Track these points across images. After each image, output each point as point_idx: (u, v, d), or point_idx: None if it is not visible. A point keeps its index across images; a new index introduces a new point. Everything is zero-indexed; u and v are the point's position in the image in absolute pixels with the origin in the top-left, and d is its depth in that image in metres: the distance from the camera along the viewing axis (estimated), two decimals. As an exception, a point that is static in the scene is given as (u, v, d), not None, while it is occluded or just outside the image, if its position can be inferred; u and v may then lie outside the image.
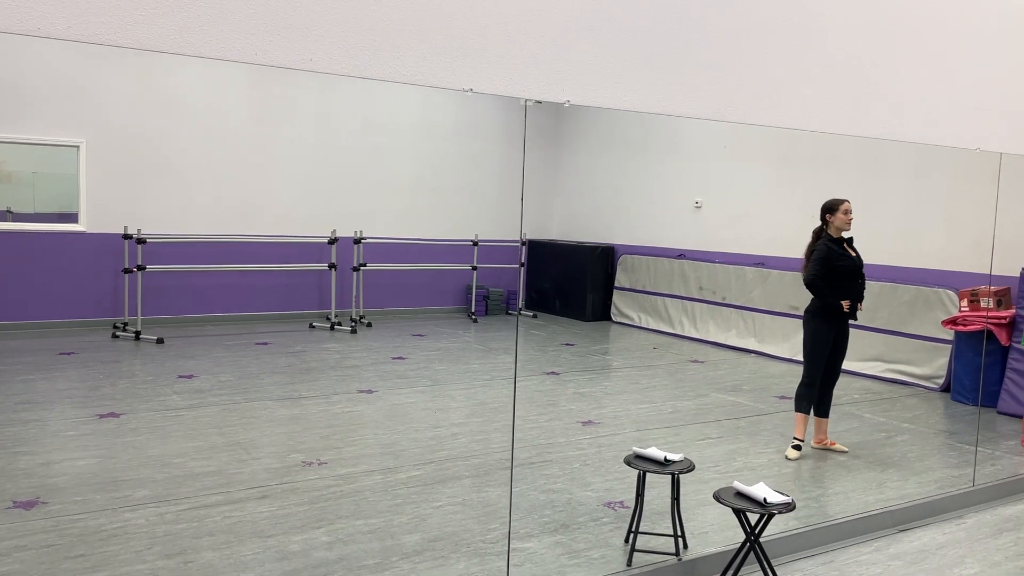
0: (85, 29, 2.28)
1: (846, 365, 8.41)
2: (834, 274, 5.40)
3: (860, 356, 8.34)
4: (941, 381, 7.68)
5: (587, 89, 3.20)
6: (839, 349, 5.58)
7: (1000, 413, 6.90)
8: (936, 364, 7.75)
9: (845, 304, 5.39)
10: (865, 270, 5.54)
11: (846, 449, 5.67)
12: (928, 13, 4.43)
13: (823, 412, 5.68)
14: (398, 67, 2.76)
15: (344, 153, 10.66)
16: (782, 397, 7.23)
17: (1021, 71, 4.90)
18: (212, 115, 9.74)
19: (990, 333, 6.93)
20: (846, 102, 4.14)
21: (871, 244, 8.60)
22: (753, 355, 9.26)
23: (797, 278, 8.95)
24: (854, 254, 5.51)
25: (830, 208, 5.47)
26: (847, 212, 5.43)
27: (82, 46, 8.73)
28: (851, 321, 5.54)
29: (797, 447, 5.53)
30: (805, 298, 5.69)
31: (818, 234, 5.53)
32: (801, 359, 8.71)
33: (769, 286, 9.39)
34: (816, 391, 5.59)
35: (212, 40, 2.44)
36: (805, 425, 5.57)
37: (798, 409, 5.58)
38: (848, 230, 5.49)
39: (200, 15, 2.43)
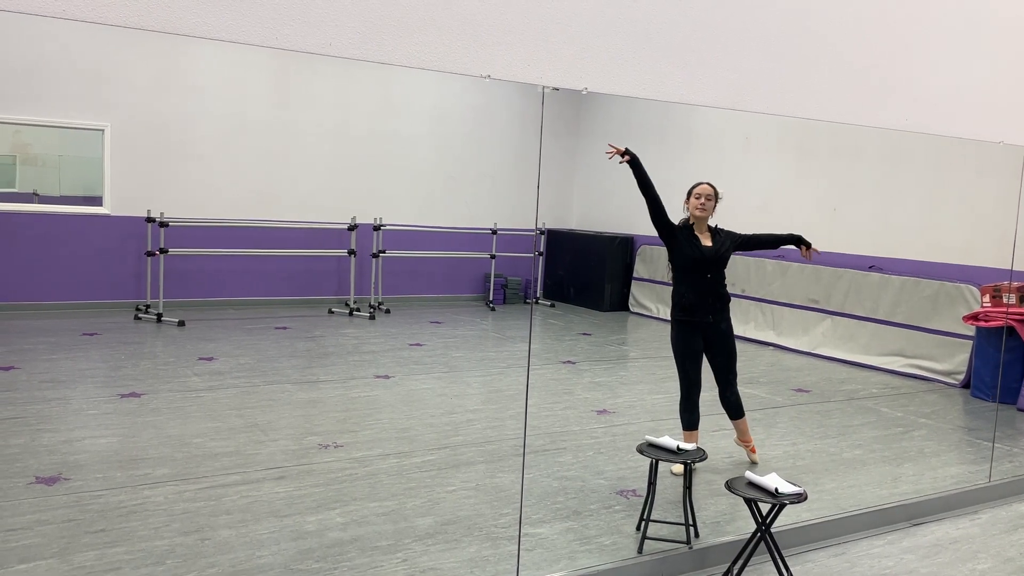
0: (108, 12, 2.32)
1: (865, 359, 8.39)
2: (677, 264, 4.77)
3: (880, 351, 8.29)
4: (961, 377, 7.62)
5: (605, 77, 3.20)
6: (719, 349, 4.91)
7: (1020, 410, 6.83)
8: (957, 360, 7.69)
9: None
10: (884, 264, 5.36)
11: (756, 461, 5.15)
12: (951, 3, 4.38)
13: (735, 414, 5.07)
14: (416, 52, 2.78)
15: (364, 139, 10.70)
16: (799, 390, 7.20)
17: (1048, 64, 4.83)
18: (234, 100, 9.81)
19: (1012, 329, 6.86)
20: (866, 93, 4.11)
21: (892, 238, 8.55)
22: (771, 348, 9.22)
23: (816, 271, 8.91)
24: (709, 243, 4.77)
25: (687, 194, 4.83)
26: (698, 197, 4.72)
27: (107, 30, 8.82)
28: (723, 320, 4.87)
29: None
30: (826, 291, 5.62)
31: (684, 223, 4.89)
32: (819, 353, 8.79)
33: (788, 279, 9.33)
34: (695, 403, 4.91)
35: (231, 23, 2.47)
36: (695, 440, 4.95)
37: (684, 427, 4.96)
38: (703, 216, 4.74)
39: (221, -1, 2.46)
